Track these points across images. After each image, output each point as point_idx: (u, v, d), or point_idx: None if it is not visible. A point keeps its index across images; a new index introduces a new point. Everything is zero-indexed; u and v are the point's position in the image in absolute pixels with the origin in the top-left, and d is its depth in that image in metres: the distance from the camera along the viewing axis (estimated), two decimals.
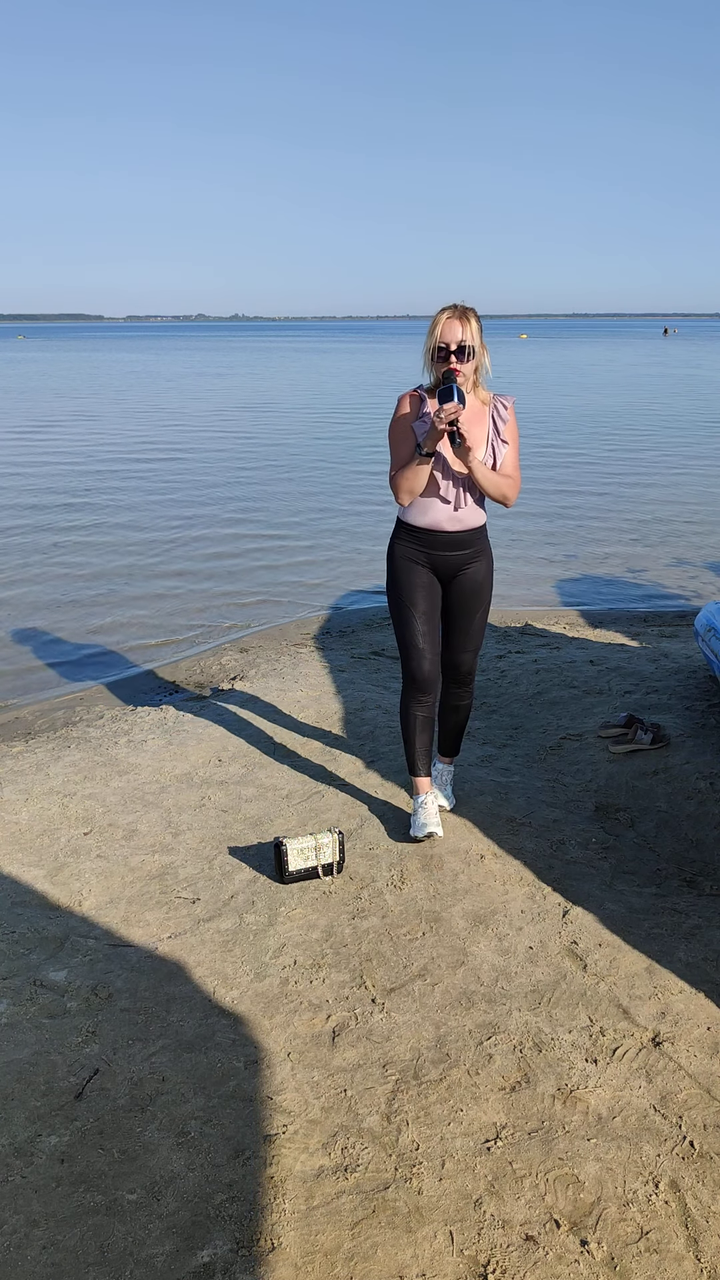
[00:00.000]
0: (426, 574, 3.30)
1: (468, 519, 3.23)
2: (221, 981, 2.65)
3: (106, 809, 3.65)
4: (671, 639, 5.96)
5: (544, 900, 3.05)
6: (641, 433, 17.72)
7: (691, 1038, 2.41)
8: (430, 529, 3.23)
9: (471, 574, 3.32)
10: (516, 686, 5.02)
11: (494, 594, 3.52)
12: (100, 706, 5.14)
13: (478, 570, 3.33)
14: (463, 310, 3.04)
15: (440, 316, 3.04)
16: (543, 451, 15.09)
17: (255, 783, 3.87)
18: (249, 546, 9.11)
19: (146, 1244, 1.87)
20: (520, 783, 3.89)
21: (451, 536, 3.23)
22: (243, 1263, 1.83)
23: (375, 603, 7.20)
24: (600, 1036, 2.43)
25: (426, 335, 3.08)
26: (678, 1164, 2.04)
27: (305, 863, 3.11)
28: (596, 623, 6.59)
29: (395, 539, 3.34)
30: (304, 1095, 2.24)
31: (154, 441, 16.95)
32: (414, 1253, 1.85)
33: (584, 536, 9.48)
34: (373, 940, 2.83)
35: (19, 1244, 1.87)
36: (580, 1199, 1.96)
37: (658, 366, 42.03)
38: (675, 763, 3.89)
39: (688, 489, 11.94)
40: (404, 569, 3.30)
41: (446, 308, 3.05)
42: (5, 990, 2.60)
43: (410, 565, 3.29)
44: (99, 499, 11.49)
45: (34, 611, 7.13)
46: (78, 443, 16.78)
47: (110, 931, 2.87)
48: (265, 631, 6.63)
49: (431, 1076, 2.30)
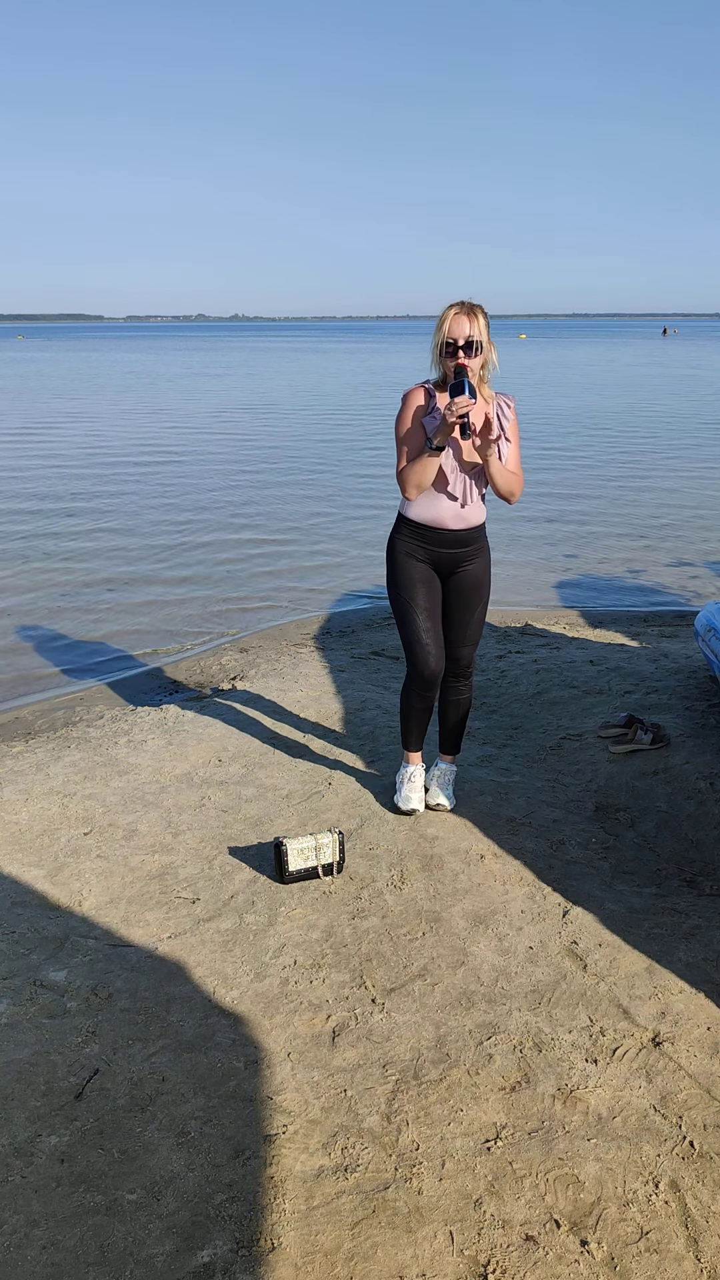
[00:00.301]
0: (427, 569, 3.33)
1: (471, 516, 3.26)
2: (221, 981, 2.65)
3: (106, 809, 3.65)
4: (671, 639, 5.96)
5: (544, 900, 3.05)
6: (641, 433, 17.72)
7: (691, 1038, 2.41)
8: (434, 525, 3.25)
9: (470, 571, 3.36)
10: (516, 686, 5.02)
11: (495, 595, 3.57)
12: (100, 706, 5.14)
13: (477, 567, 3.36)
14: (470, 306, 3.06)
15: (449, 312, 3.06)
16: (543, 453, 15.10)
17: (255, 783, 3.87)
18: (249, 548, 9.11)
19: (146, 1244, 1.87)
20: (520, 783, 3.89)
21: (454, 534, 3.27)
22: (243, 1263, 1.83)
23: (375, 603, 7.20)
24: (600, 1036, 2.43)
25: (435, 331, 3.11)
26: (678, 1164, 2.04)
27: (305, 863, 3.11)
28: (596, 623, 6.59)
29: (396, 534, 3.36)
30: (304, 1095, 2.24)
31: (153, 443, 16.95)
32: (414, 1253, 1.85)
33: (584, 537, 9.48)
34: (373, 940, 2.83)
35: (19, 1244, 1.87)
36: (580, 1199, 1.96)
37: (657, 367, 42.03)
38: (675, 763, 3.89)
39: (688, 489, 11.94)
40: (404, 564, 3.33)
41: (454, 304, 3.08)
42: (5, 990, 2.60)
43: (411, 561, 3.32)
44: (98, 501, 11.49)
45: (34, 612, 7.13)
46: (77, 444, 16.78)
47: (110, 931, 2.87)
48: (265, 631, 6.63)
49: (431, 1076, 2.30)
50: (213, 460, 14.63)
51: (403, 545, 3.33)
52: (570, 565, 8.40)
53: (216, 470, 13.64)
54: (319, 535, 9.55)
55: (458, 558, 3.32)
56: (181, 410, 23.26)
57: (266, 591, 7.65)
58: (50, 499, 11.52)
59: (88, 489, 12.18)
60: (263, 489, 12.10)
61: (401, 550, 3.33)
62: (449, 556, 3.31)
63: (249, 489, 12.13)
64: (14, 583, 7.91)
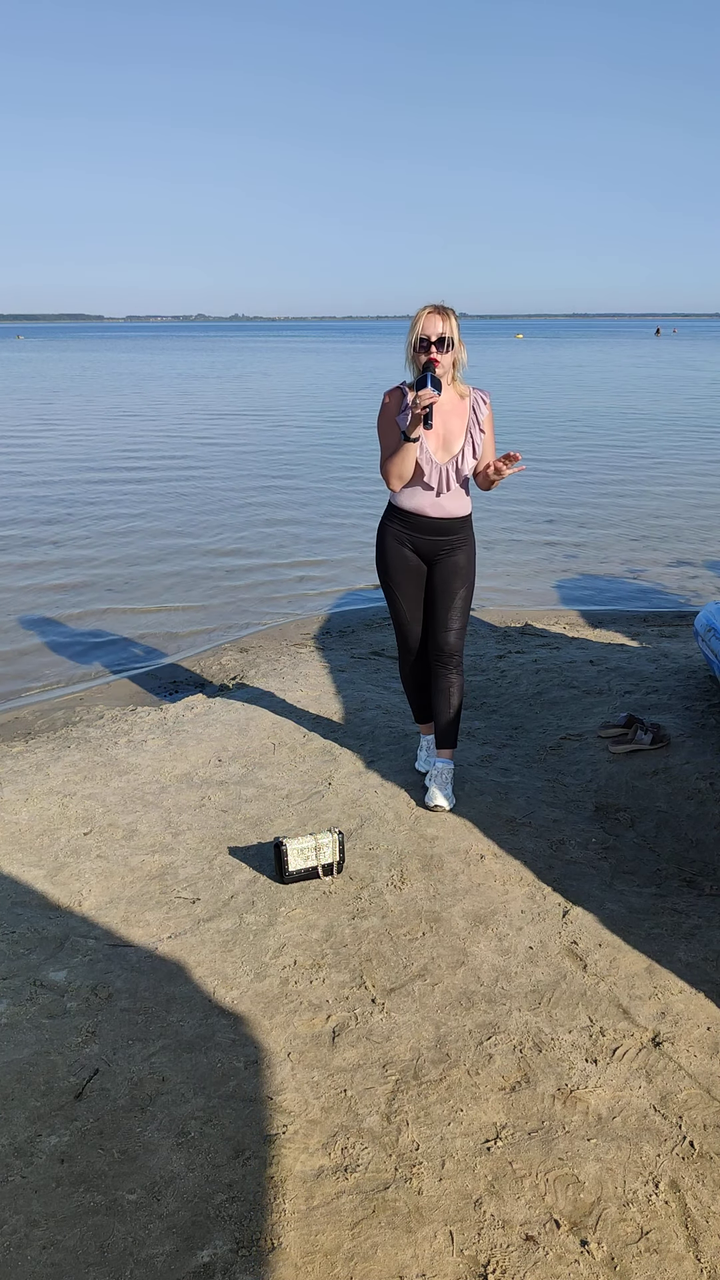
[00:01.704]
0: (411, 554, 3.58)
1: (450, 507, 3.50)
2: (221, 981, 2.65)
3: (106, 809, 3.65)
4: (671, 639, 5.96)
5: (544, 900, 3.05)
6: (641, 433, 17.72)
7: (691, 1038, 2.41)
8: (415, 513, 3.51)
9: (453, 560, 3.59)
10: (516, 686, 5.02)
11: (495, 595, 3.65)
12: (100, 706, 5.14)
13: (460, 557, 3.60)
14: (442, 308, 3.31)
15: (422, 313, 3.31)
16: (544, 454, 15.09)
17: (255, 783, 3.87)
18: (248, 548, 9.11)
19: (146, 1244, 1.87)
20: (520, 783, 3.89)
21: (434, 522, 3.51)
22: (243, 1263, 1.83)
23: (375, 603, 7.20)
24: (600, 1036, 2.43)
25: (409, 330, 3.35)
26: (678, 1164, 2.04)
27: (305, 863, 3.11)
28: (596, 623, 6.59)
29: (385, 520, 3.63)
30: (304, 1095, 2.24)
31: (151, 444, 16.95)
32: (414, 1253, 1.85)
33: (584, 537, 9.48)
34: (373, 940, 2.83)
35: (19, 1244, 1.87)
36: (580, 1199, 1.96)
37: (657, 367, 42.02)
38: (675, 763, 3.89)
39: (688, 489, 11.94)
40: (391, 549, 3.60)
41: (428, 305, 3.32)
42: (5, 990, 2.60)
43: (396, 546, 3.59)
44: (97, 501, 11.49)
45: (34, 613, 7.13)
46: (75, 445, 16.78)
47: (110, 931, 2.87)
48: (265, 631, 6.63)
49: (431, 1076, 2.30)
50: (212, 460, 14.63)
51: (390, 531, 3.59)
52: (570, 565, 8.40)
53: (216, 470, 13.63)
54: (319, 535, 9.55)
55: (439, 545, 3.55)
56: (181, 410, 23.25)
57: (266, 592, 7.65)
58: (51, 499, 11.52)
59: (88, 489, 12.18)
60: (263, 489, 12.10)
61: (389, 535, 3.60)
62: (430, 544, 3.55)
63: (249, 489, 12.13)
64: (14, 583, 7.92)
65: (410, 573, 3.58)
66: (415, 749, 4.15)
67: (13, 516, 10.51)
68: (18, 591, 7.66)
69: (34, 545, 9.19)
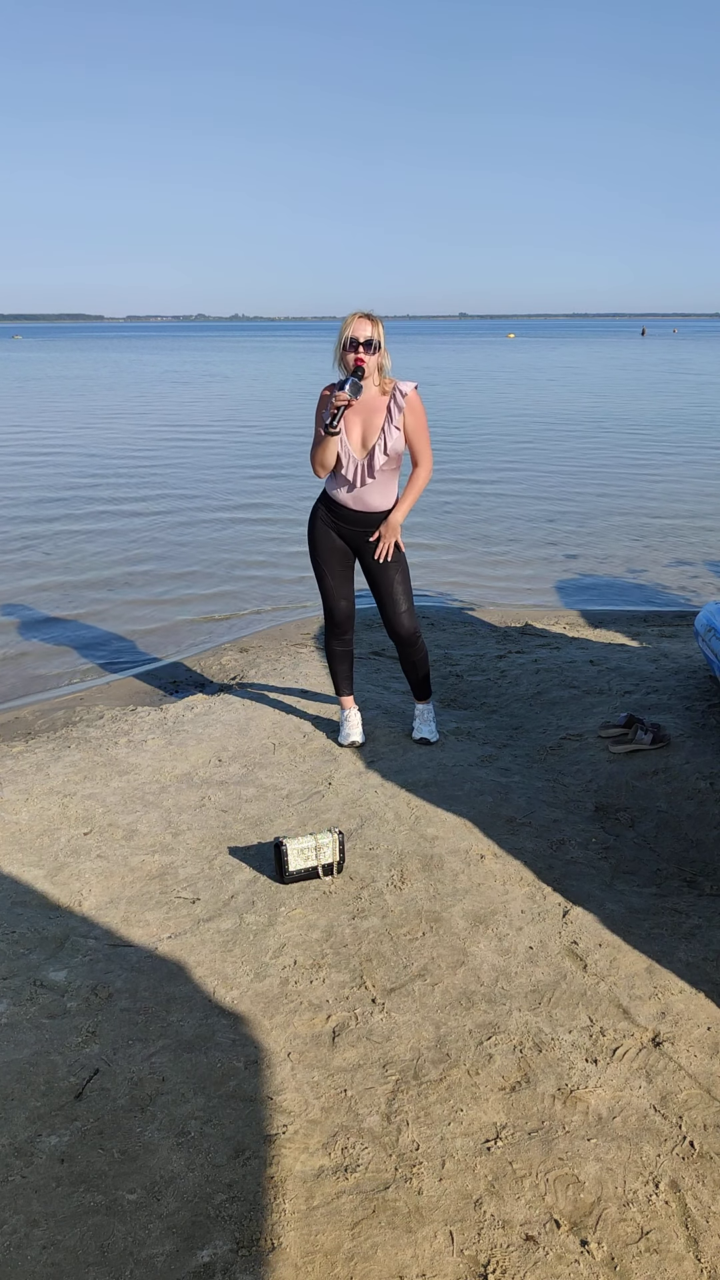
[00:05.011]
0: (336, 537, 3.93)
1: (370, 500, 3.80)
2: (221, 981, 2.65)
3: (106, 809, 3.65)
4: (671, 639, 5.96)
5: (544, 900, 3.05)
6: (640, 433, 17.71)
7: (691, 1038, 2.41)
8: (338, 503, 3.86)
9: (375, 548, 3.89)
10: (516, 686, 5.02)
11: (495, 595, 3.74)
12: (100, 706, 5.14)
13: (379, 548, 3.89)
14: (370, 315, 3.66)
15: (352, 318, 3.64)
16: (543, 453, 15.09)
17: (255, 783, 3.87)
18: (248, 547, 9.11)
19: (146, 1244, 1.87)
20: (520, 783, 3.89)
21: (354, 514, 3.85)
22: (243, 1263, 1.83)
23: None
24: (600, 1036, 2.43)
25: (339, 332, 3.66)
26: (678, 1164, 2.04)
27: (305, 863, 3.11)
28: (596, 623, 6.59)
29: (316, 503, 3.98)
30: (304, 1095, 2.24)
31: (150, 443, 16.95)
32: (414, 1253, 1.85)
33: (584, 537, 9.48)
34: (373, 940, 2.83)
35: (19, 1244, 1.87)
36: (580, 1199, 1.96)
37: (656, 367, 42.02)
38: (675, 763, 3.89)
39: (688, 489, 11.94)
40: (318, 530, 3.95)
41: (357, 311, 3.66)
42: (5, 990, 2.60)
43: (323, 528, 3.94)
44: (97, 501, 11.49)
45: (34, 612, 7.13)
46: (75, 445, 16.78)
47: (110, 931, 2.87)
48: (265, 631, 6.62)
49: (431, 1076, 2.30)
50: (212, 461, 14.63)
51: (319, 514, 3.95)
52: (570, 565, 8.40)
53: (216, 470, 13.63)
54: None
55: (360, 535, 3.89)
56: (181, 410, 23.25)
57: (266, 591, 7.65)
58: (50, 500, 11.52)
59: (88, 489, 12.18)
60: (263, 489, 12.10)
61: (318, 519, 3.95)
62: (350, 532, 3.90)
63: (249, 489, 12.13)
64: (14, 583, 7.91)
65: (335, 553, 3.94)
66: (416, 749, 4.15)
67: (13, 516, 10.51)
68: (18, 591, 7.66)
69: (34, 545, 9.19)
